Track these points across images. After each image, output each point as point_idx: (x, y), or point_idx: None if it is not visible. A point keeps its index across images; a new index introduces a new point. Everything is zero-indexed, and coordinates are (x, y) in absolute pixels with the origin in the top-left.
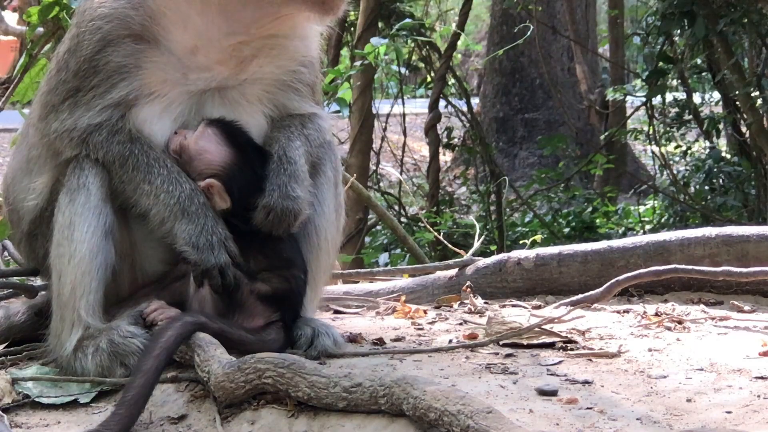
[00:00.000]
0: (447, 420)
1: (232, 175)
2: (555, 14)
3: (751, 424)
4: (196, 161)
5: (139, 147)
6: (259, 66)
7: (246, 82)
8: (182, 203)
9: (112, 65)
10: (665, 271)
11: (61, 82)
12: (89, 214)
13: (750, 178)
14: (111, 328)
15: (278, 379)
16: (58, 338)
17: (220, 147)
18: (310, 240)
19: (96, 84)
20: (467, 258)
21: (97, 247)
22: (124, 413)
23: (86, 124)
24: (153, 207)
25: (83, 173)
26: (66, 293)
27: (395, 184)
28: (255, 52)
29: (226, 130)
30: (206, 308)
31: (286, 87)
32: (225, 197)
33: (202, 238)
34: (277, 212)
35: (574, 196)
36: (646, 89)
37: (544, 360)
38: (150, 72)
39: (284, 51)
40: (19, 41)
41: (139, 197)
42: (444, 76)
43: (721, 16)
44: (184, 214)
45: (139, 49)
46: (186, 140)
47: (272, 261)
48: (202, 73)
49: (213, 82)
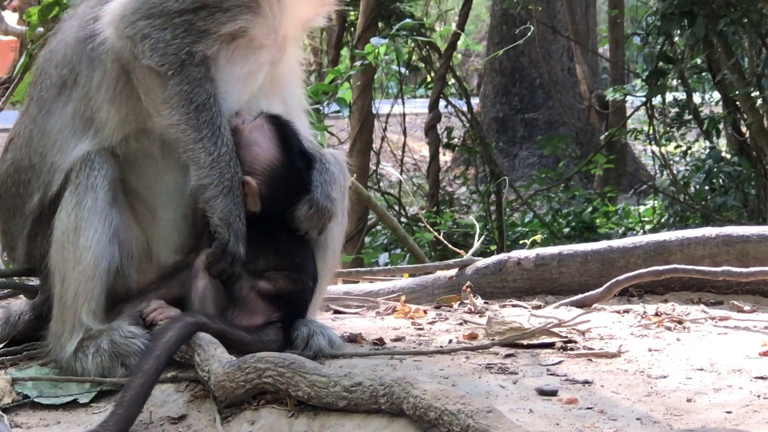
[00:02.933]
0: (447, 419)
1: (275, 177)
2: (555, 14)
3: (751, 424)
4: (244, 150)
5: (219, 105)
6: (289, 50)
7: (284, 63)
8: (234, 183)
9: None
10: (665, 271)
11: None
12: (95, 219)
13: (750, 178)
14: (112, 328)
15: (278, 379)
16: (59, 340)
17: (271, 145)
18: (319, 238)
19: (225, 7)
20: (467, 258)
21: (102, 253)
22: (123, 413)
23: (189, 51)
24: (208, 168)
25: (93, 172)
26: (69, 298)
27: (395, 184)
28: (291, 34)
29: (282, 130)
30: (207, 306)
31: (298, 78)
32: (257, 201)
33: (236, 222)
34: (318, 208)
35: (574, 196)
36: (646, 89)
37: (544, 360)
38: (258, 21)
39: (298, 42)
40: (19, 41)
41: (198, 152)
42: (444, 76)
43: (721, 16)
44: (230, 193)
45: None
46: (243, 125)
47: (283, 261)
48: (272, 47)
49: (277, 56)
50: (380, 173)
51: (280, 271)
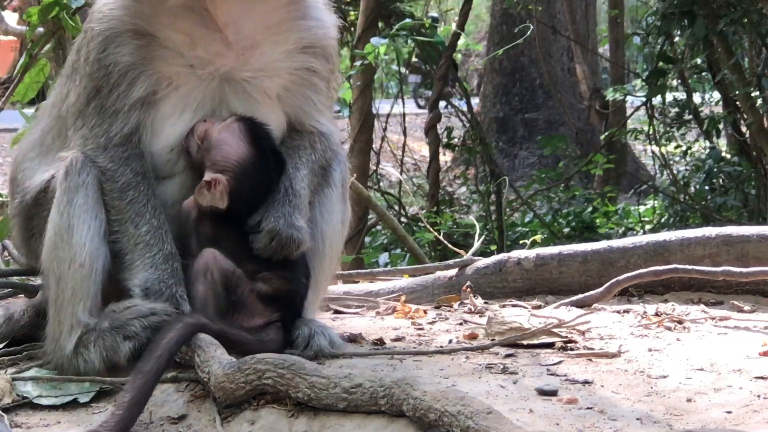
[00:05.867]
0: (447, 420)
1: (245, 173)
2: (555, 14)
3: (751, 424)
4: (214, 150)
5: (148, 181)
6: (262, 55)
7: (262, 75)
8: (156, 260)
9: (122, 63)
10: (665, 271)
11: (79, 87)
12: (87, 217)
13: (750, 178)
14: (106, 314)
15: (278, 380)
16: (57, 341)
17: (241, 143)
18: (316, 246)
19: (114, 83)
20: (467, 258)
21: (96, 251)
22: (124, 414)
23: (107, 135)
24: (131, 245)
25: (84, 169)
26: (66, 298)
27: (395, 184)
28: (256, 40)
29: (251, 128)
30: (208, 308)
31: (302, 83)
32: (224, 198)
33: (158, 287)
34: (281, 238)
35: (574, 196)
36: (646, 89)
37: (544, 360)
38: (160, 64)
39: (288, 36)
40: (19, 41)
41: (121, 232)
42: (444, 76)
43: (721, 16)
44: (152, 267)
45: (141, 45)
46: (212, 128)
47: (272, 261)
48: (206, 66)
49: (218, 75)
50: (380, 173)
51: (272, 271)
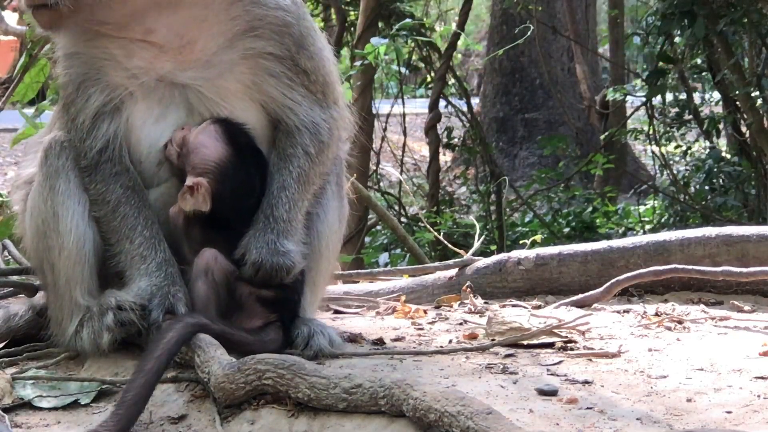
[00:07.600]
0: (447, 421)
1: (226, 173)
2: (555, 14)
3: (751, 424)
4: (193, 154)
5: (135, 198)
6: (202, 51)
7: (212, 71)
8: (149, 268)
9: (76, 75)
10: (665, 271)
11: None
12: (71, 202)
13: (750, 178)
14: (106, 295)
15: (278, 380)
16: (60, 325)
17: (218, 144)
18: (311, 245)
19: (72, 95)
20: (467, 258)
21: (83, 235)
22: (124, 413)
23: (90, 149)
24: (128, 259)
25: (63, 153)
26: (62, 285)
27: (395, 184)
28: (190, 37)
29: (228, 129)
30: (208, 308)
31: (262, 71)
32: (207, 200)
33: (157, 294)
34: (266, 269)
35: (574, 196)
36: (646, 89)
37: (544, 360)
38: (109, 77)
39: (223, 26)
40: (19, 41)
41: (117, 247)
42: (444, 76)
43: (721, 16)
44: (146, 276)
45: (85, 61)
46: (189, 134)
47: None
48: (148, 74)
49: (165, 80)
50: (380, 173)
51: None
